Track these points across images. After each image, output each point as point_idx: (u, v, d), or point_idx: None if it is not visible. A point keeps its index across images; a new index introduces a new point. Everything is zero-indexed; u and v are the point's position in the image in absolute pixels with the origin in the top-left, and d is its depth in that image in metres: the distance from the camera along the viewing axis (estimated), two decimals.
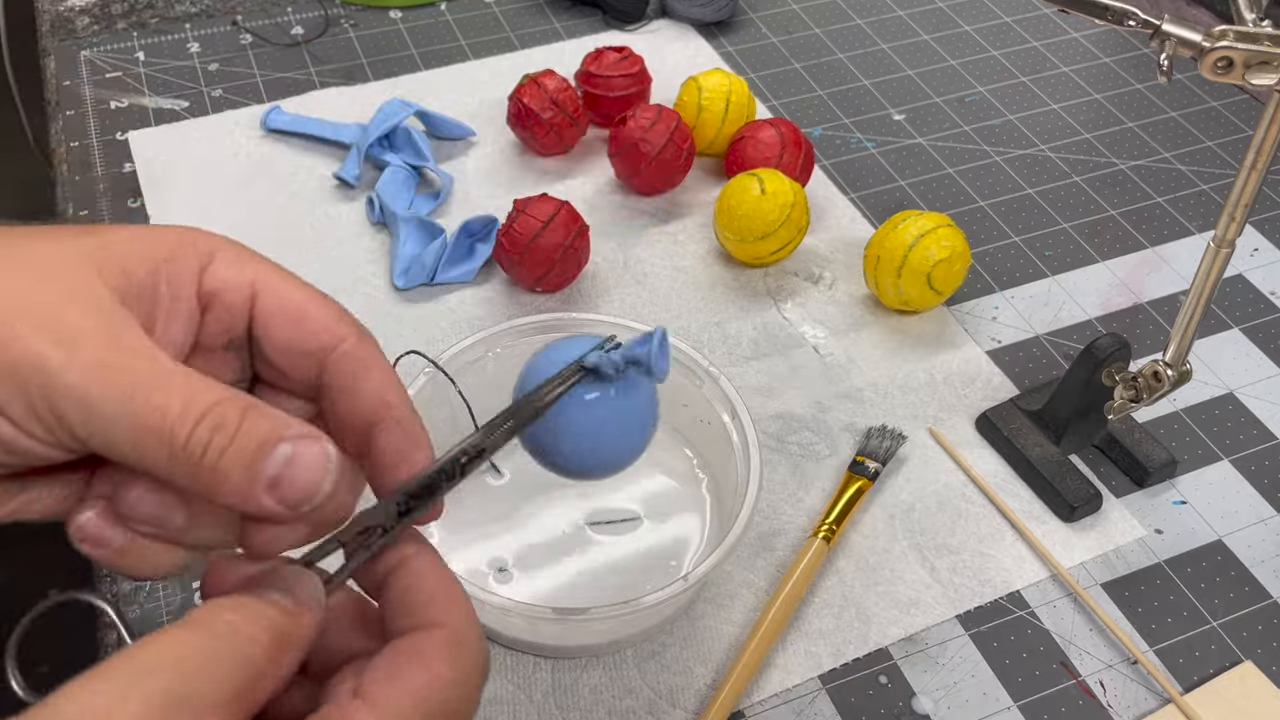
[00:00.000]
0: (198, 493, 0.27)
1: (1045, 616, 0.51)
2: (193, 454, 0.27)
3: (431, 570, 0.30)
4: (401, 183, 0.68)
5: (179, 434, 0.26)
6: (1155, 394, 0.52)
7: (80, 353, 0.26)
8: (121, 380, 0.26)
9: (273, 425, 0.27)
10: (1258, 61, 0.40)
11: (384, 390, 0.32)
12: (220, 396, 0.27)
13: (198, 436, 0.26)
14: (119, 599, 0.49)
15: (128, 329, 0.27)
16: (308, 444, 0.28)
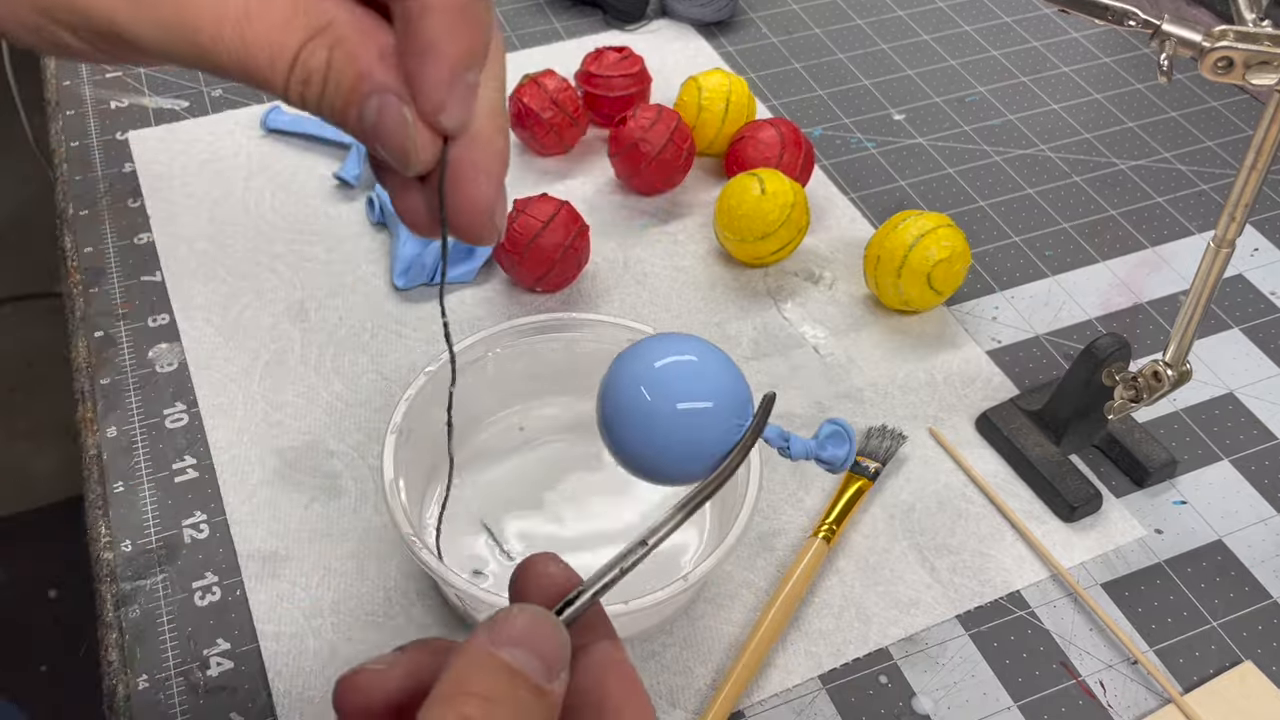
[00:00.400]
0: None
1: (1045, 616, 0.51)
2: (297, 105, 0.26)
3: (624, 665, 0.28)
4: None
5: (277, 89, 0.25)
6: (1155, 394, 0.52)
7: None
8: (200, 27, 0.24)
9: (356, 75, 0.25)
10: (1258, 61, 0.40)
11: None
12: (304, 36, 0.25)
13: (293, 92, 0.25)
14: (119, 598, 0.50)
15: None
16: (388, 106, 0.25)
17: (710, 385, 0.31)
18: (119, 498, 0.53)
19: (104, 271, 0.64)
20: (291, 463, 0.55)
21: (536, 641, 0.25)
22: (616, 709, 0.27)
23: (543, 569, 0.29)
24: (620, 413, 0.31)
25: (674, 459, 0.31)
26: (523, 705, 0.24)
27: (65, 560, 1.35)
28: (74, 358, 0.60)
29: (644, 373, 0.31)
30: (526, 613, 0.26)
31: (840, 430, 0.34)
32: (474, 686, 0.24)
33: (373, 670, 0.26)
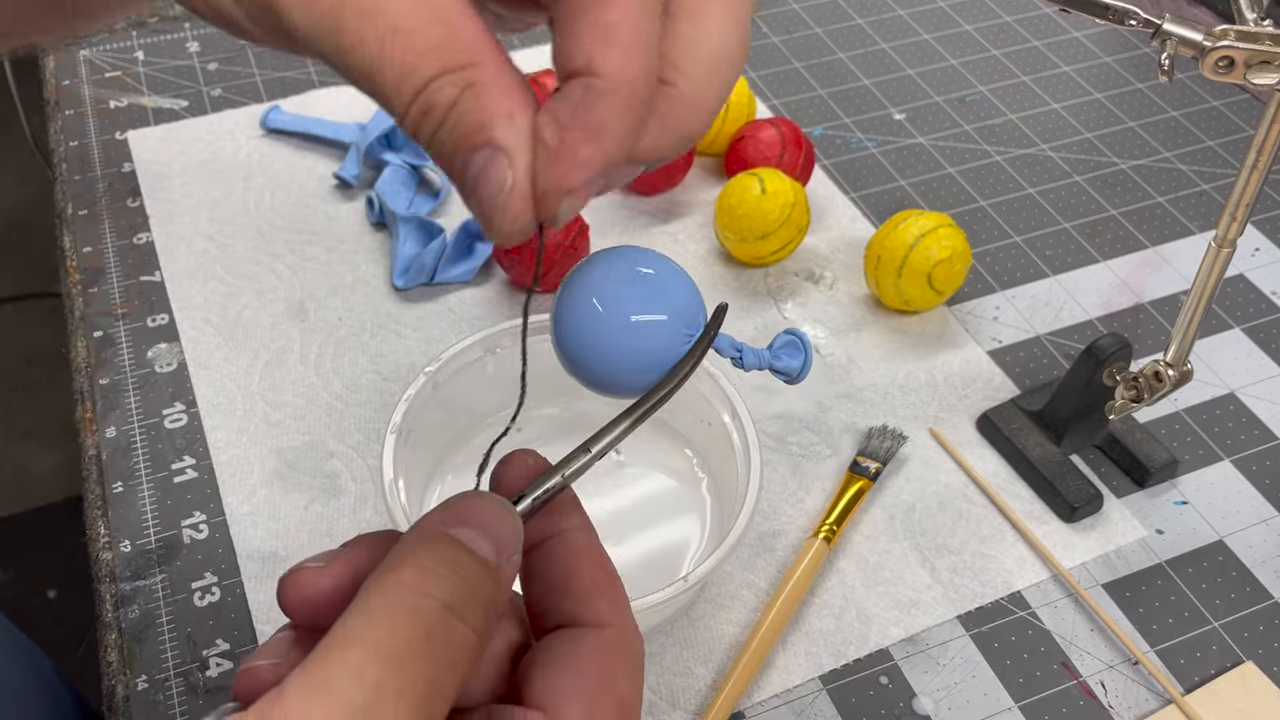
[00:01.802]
0: None
1: (1046, 617, 0.51)
2: (407, 130, 0.25)
3: (595, 553, 0.28)
4: (401, 182, 0.68)
5: (395, 107, 0.24)
6: (1156, 394, 0.52)
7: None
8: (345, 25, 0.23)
9: (476, 124, 0.24)
10: (1259, 61, 0.39)
11: (601, 38, 0.24)
12: (441, 69, 0.23)
13: (410, 118, 0.24)
14: (118, 599, 0.49)
15: None
16: (495, 166, 0.24)
17: (664, 298, 0.31)
18: (118, 498, 0.53)
19: (103, 271, 0.64)
20: (291, 463, 0.55)
21: (486, 523, 0.25)
22: (587, 591, 0.27)
23: (519, 460, 0.29)
24: (574, 325, 0.31)
25: (627, 370, 0.31)
26: (467, 578, 0.24)
27: (65, 560, 1.35)
28: (73, 358, 0.60)
29: (598, 285, 0.31)
30: (480, 497, 0.26)
31: (795, 340, 0.34)
32: (416, 558, 0.24)
33: (311, 568, 0.26)
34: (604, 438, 0.30)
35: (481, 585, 0.24)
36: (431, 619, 0.23)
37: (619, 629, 0.27)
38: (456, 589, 0.24)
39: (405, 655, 0.22)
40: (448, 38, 0.23)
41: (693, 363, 0.31)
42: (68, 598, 1.35)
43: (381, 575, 0.24)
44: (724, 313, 0.33)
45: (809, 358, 0.34)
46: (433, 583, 0.24)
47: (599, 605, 0.27)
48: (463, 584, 0.24)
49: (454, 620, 0.23)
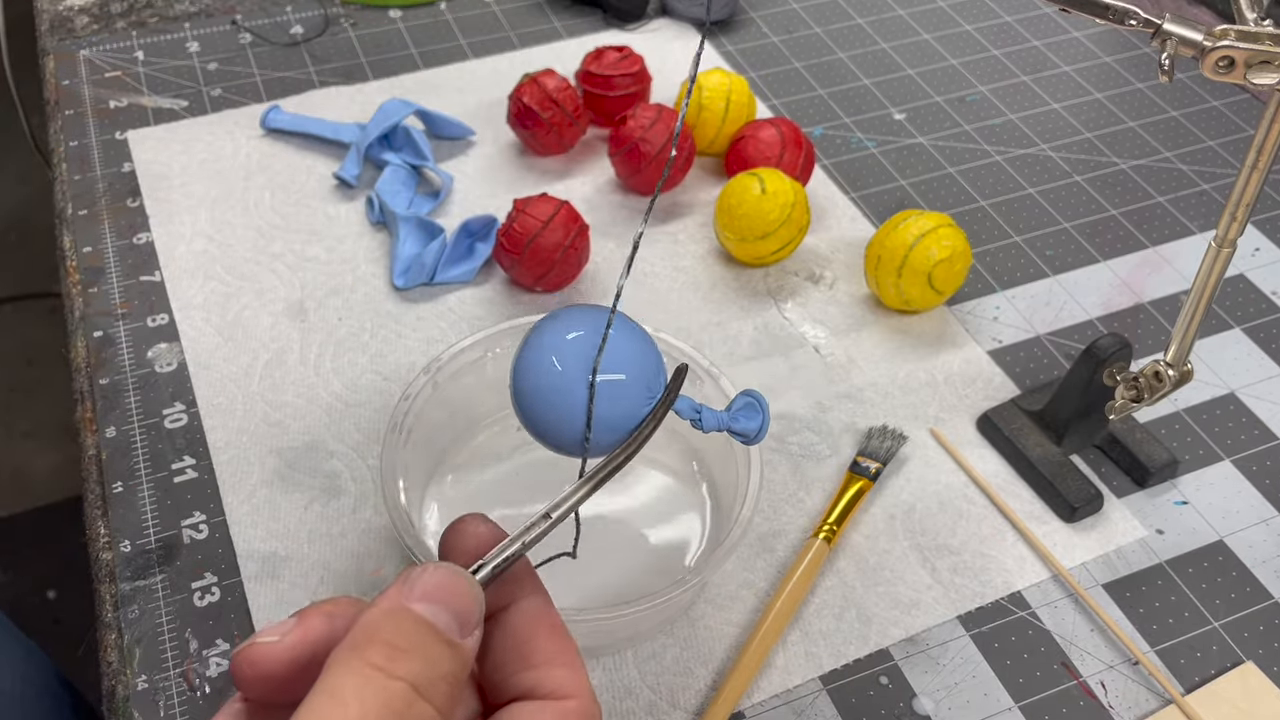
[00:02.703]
0: None
1: (1046, 617, 0.50)
2: None
3: (550, 620, 0.28)
4: (401, 182, 0.68)
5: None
6: (1156, 394, 0.52)
7: None
8: None
9: None
10: (1259, 61, 0.39)
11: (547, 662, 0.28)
12: None
13: None
14: (118, 599, 0.49)
15: None
16: None
17: (623, 357, 0.31)
18: (118, 498, 0.53)
19: (103, 271, 0.64)
20: (291, 463, 0.55)
21: (449, 597, 0.25)
22: (545, 661, 0.27)
23: (471, 528, 0.29)
24: (532, 383, 0.31)
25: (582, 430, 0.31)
26: (432, 657, 0.24)
27: (64, 560, 1.35)
28: (73, 358, 0.60)
29: (557, 343, 0.31)
30: (441, 569, 0.26)
31: (753, 402, 0.34)
32: (383, 635, 0.24)
33: (265, 643, 0.26)
34: (564, 504, 0.30)
35: (446, 663, 0.25)
36: (399, 702, 0.23)
37: (579, 700, 0.27)
38: (422, 669, 0.24)
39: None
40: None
41: (653, 425, 0.31)
42: (68, 598, 1.35)
43: (348, 654, 0.24)
44: (684, 374, 0.33)
45: (766, 419, 0.34)
46: (400, 663, 0.24)
47: (558, 675, 0.27)
48: (428, 663, 0.24)
49: (420, 702, 0.24)
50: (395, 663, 0.24)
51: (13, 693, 0.64)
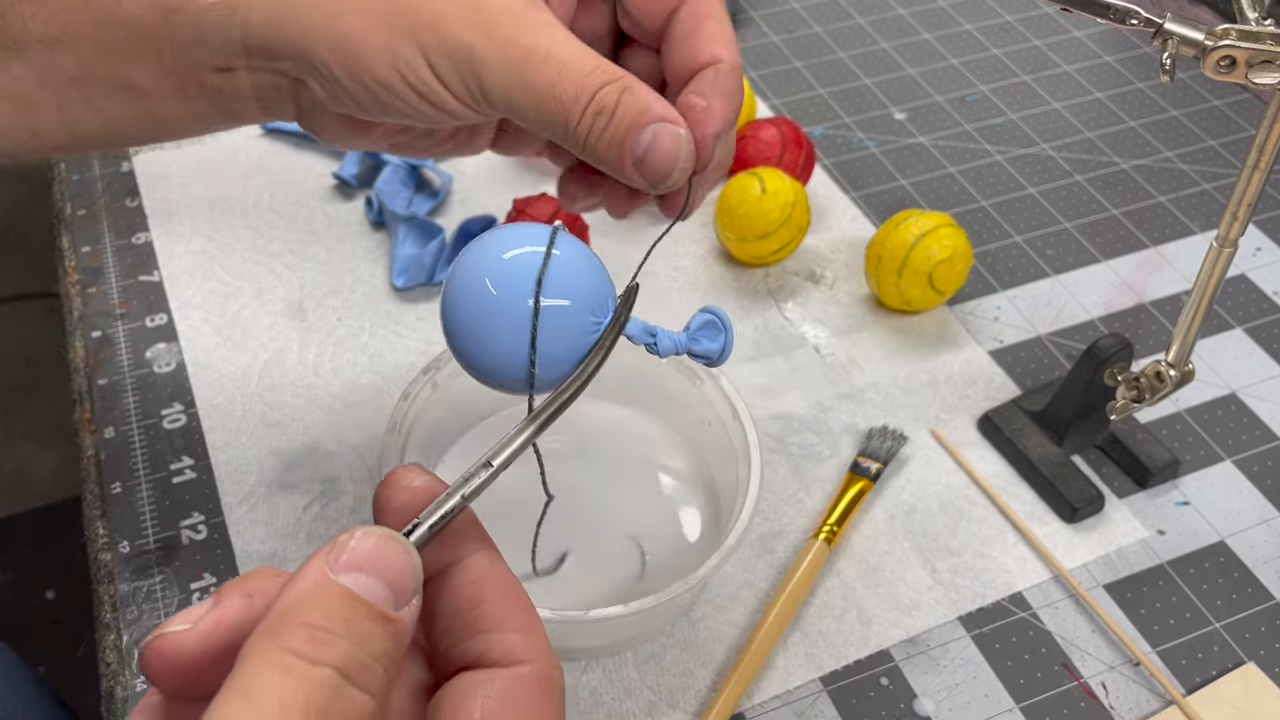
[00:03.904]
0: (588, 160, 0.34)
1: (1047, 618, 0.50)
2: (579, 135, 0.33)
3: (499, 578, 0.26)
4: (400, 182, 0.68)
5: (571, 120, 0.33)
6: (1158, 394, 0.52)
7: (494, 36, 0.32)
8: (529, 69, 0.32)
9: (640, 109, 0.33)
10: (1260, 60, 0.39)
11: (714, 42, 0.36)
12: (603, 81, 0.33)
13: (584, 123, 0.33)
14: (117, 599, 0.49)
15: (530, 3, 0.33)
16: (665, 129, 0.33)
17: (567, 279, 0.27)
18: (117, 498, 0.53)
19: (102, 271, 0.63)
20: (290, 463, 0.55)
21: (380, 566, 0.23)
22: (497, 622, 0.25)
23: (404, 481, 0.27)
24: (463, 310, 0.27)
25: (524, 363, 0.27)
26: (363, 636, 0.22)
27: (63, 561, 1.35)
28: (72, 358, 0.59)
29: (491, 264, 0.27)
30: (371, 534, 0.23)
31: (714, 319, 0.31)
32: (305, 616, 0.21)
33: (174, 632, 0.24)
34: (506, 449, 0.27)
35: (379, 642, 0.22)
36: (326, 694, 0.21)
37: (535, 664, 0.24)
38: (351, 652, 0.21)
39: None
40: (599, 63, 0.33)
41: (601, 354, 0.28)
42: (66, 598, 1.35)
43: (265, 641, 0.21)
44: (634, 294, 0.30)
45: (729, 339, 0.31)
46: (325, 648, 0.21)
47: (510, 640, 0.25)
48: (358, 644, 0.22)
49: (350, 689, 0.21)
50: (319, 647, 0.21)
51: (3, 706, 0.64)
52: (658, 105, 0.33)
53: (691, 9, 0.36)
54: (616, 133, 0.33)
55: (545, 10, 0.33)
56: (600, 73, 0.33)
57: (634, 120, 0.33)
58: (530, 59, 0.32)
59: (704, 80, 0.35)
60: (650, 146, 0.33)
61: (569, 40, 0.33)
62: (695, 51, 0.36)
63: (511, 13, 0.32)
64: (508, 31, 0.32)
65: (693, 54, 0.36)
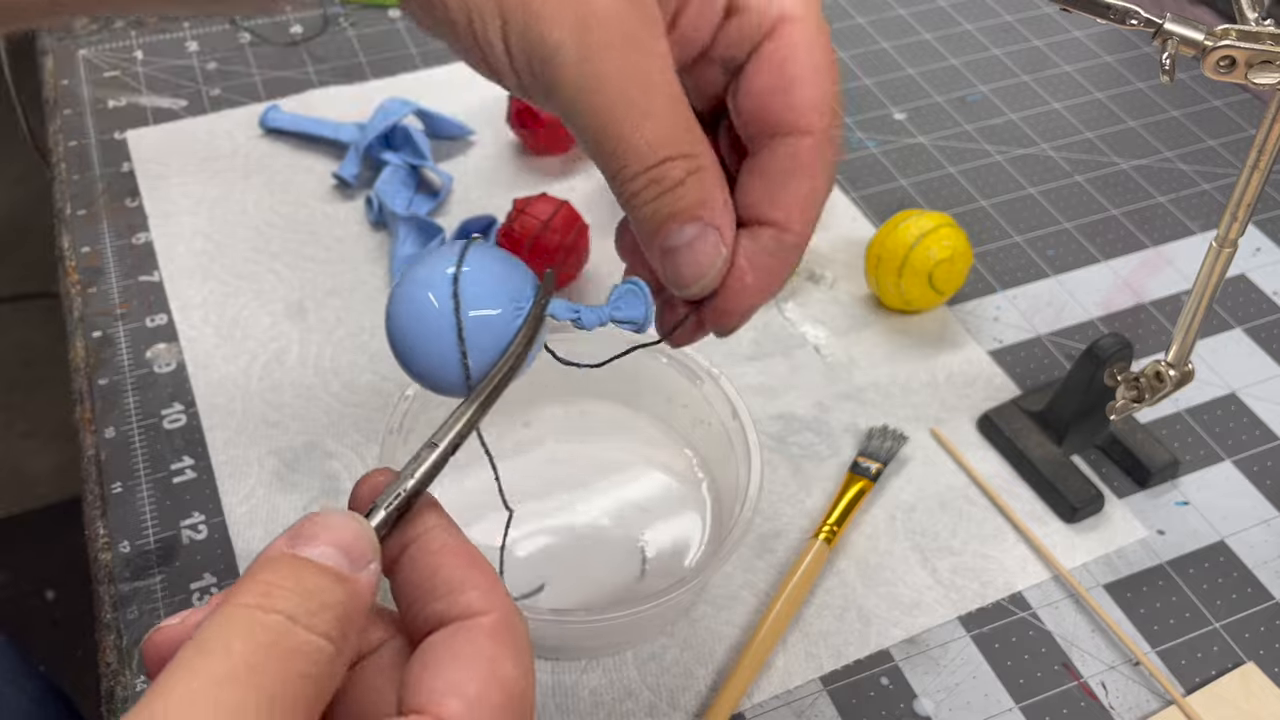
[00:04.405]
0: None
1: (1047, 618, 0.50)
2: (625, 190, 0.30)
3: (455, 547, 0.28)
4: (401, 182, 0.68)
5: (626, 171, 0.29)
6: (1157, 394, 0.52)
7: (589, 42, 0.28)
8: (609, 97, 0.28)
9: (698, 201, 0.29)
10: (1260, 61, 0.39)
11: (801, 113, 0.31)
12: (679, 151, 0.29)
13: (636, 182, 0.29)
14: (117, 599, 0.49)
15: (647, 25, 0.29)
16: (710, 239, 0.30)
17: (482, 284, 0.30)
18: (117, 498, 0.53)
19: (102, 271, 0.63)
20: (290, 463, 0.55)
21: (330, 534, 0.25)
22: (452, 587, 0.27)
23: (368, 479, 0.29)
24: (410, 324, 0.30)
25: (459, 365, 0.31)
26: (312, 590, 0.24)
27: (63, 561, 1.35)
28: (72, 358, 0.59)
29: (419, 284, 0.30)
30: (322, 513, 0.26)
31: (634, 288, 0.33)
32: (259, 577, 0.24)
33: (169, 626, 0.26)
34: (449, 430, 0.29)
35: (329, 593, 0.24)
36: (274, 632, 0.22)
37: (493, 615, 0.26)
38: (299, 600, 0.23)
39: (242, 672, 0.21)
40: (685, 130, 0.29)
41: (529, 336, 0.31)
42: (66, 598, 1.35)
43: (223, 600, 0.23)
44: (551, 279, 0.33)
45: (649, 305, 0.34)
46: (274, 599, 0.23)
47: (468, 597, 0.26)
48: (306, 595, 0.23)
49: (299, 630, 0.23)
50: (268, 599, 0.23)
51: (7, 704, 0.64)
52: (718, 208, 0.30)
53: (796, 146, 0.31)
54: (661, 211, 0.29)
55: (661, 40, 0.29)
56: (681, 141, 0.29)
57: (686, 211, 0.29)
58: (617, 84, 0.28)
59: (762, 242, 0.31)
60: (687, 247, 0.30)
61: (669, 85, 0.29)
62: (775, 199, 0.31)
63: (622, 27, 0.28)
64: (606, 42, 0.28)
65: (771, 199, 0.31)
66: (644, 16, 0.29)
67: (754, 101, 0.31)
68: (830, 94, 0.31)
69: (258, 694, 0.21)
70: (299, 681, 0.22)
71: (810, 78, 0.30)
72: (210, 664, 0.22)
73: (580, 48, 0.28)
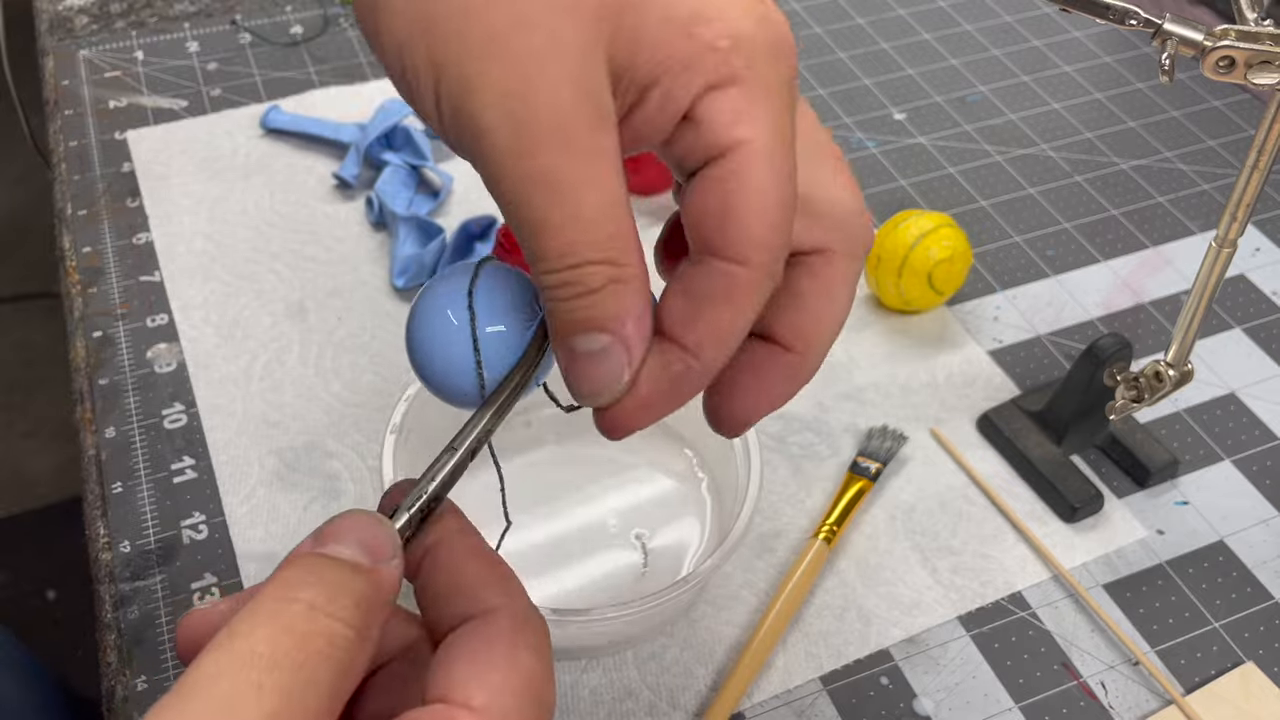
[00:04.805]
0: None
1: (1047, 617, 0.50)
2: (540, 282, 0.27)
3: (474, 549, 0.29)
4: (401, 182, 0.68)
5: (544, 263, 0.27)
6: (1157, 394, 0.52)
7: (518, 134, 0.26)
8: (539, 189, 0.26)
9: (612, 315, 0.27)
10: (1259, 61, 0.39)
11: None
12: (603, 257, 0.27)
13: (554, 277, 0.27)
14: (117, 599, 0.49)
15: (590, 122, 0.26)
16: (616, 355, 0.27)
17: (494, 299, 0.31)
18: (117, 498, 0.53)
19: (102, 271, 0.63)
20: (290, 463, 0.55)
21: (351, 532, 0.26)
22: (472, 586, 0.28)
23: (393, 490, 0.30)
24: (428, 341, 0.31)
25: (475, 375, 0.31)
26: (333, 580, 0.25)
27: (64, 561, 1.35)
28: (72, 358, 0.60)
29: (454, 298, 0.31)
30: (344, 514, 0.27)
31: None
32: (282, 575, 0.25)
33: (201, 610, 0.27)
34: (468, 435, 0.30)
35: (351, 583, 0.25)
36: (294, 616, 0.24)
37: (510, 610, 0.27)
38: (321, 589, 0.24)
39: (265, 654, 0.23)
40: (611, 236, 0.27)
41: (537, 345, 0.31)
42: (67, 598, 1.35)
43: (249, 598, 0.25)
44: None
45: None
46: (297, 589, 0.24)
47: (486, 595, 0.27)
48: (329, 585, 0.25)
49: (320, 616, 0.24)
50: (292, 590, 0.24)
51: (11, 700, 0.64)
52: (631, 323, 0.27)
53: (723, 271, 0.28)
54: (573, 315, 0.27)
55: (605, 136, 0.26)
56: (605, 247, 0.26)
57: (597, 320, 0.27)
58: (546, 183, 0.26)
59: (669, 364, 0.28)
60: (591, 357, 0.27)
61: (607, 188, 0.26)
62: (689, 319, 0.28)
63: (559, 123, 0.26)
64: (540, 141, 0.26)
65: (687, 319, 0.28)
66: (589, 112, 0.26)
67: (694, 219, 0.28)
68: (780, 229, 0.27)
69: (280, 674, 0.23)
70: (323, 665, 0.23)
71: (753, 213, 0.27)
72: (236, 645, 0.23)
73: (511, 139, 0.26)
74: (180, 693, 0.22)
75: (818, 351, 0.30)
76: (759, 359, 0.30)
